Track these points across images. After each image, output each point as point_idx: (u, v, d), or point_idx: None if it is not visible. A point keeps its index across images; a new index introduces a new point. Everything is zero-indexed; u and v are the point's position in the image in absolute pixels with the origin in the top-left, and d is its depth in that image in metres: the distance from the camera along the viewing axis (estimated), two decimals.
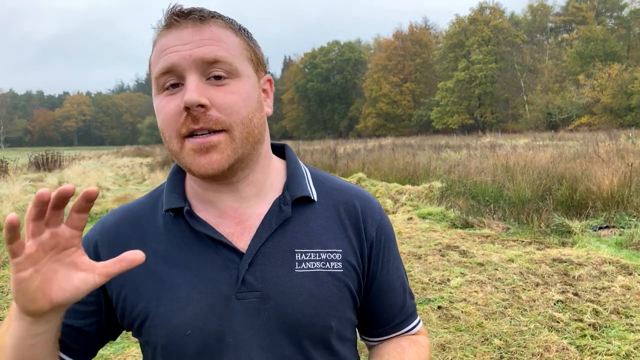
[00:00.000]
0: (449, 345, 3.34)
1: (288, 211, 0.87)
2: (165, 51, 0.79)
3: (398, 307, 0.97)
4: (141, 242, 0.86)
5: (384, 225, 0.95)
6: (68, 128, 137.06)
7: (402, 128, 65.92)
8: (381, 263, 0.94)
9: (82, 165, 23.28)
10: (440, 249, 5.70)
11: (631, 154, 10.94)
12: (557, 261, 5.00)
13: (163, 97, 0.80)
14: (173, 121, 0.78)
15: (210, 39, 0.78)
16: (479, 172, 10.04)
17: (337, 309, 0.87)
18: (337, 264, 0.87)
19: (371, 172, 12.60)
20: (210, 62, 0.77)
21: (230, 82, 0.79)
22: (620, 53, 52.34)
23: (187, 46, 0.77)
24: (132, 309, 0.84)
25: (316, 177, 0.96)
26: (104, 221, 0.92)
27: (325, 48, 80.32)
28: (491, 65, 57.85)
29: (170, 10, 0.80)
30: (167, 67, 0.78)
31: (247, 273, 0.82)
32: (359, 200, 0.94)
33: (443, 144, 24.81)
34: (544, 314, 3.76)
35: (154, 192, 0.96)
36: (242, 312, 0.82)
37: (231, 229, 0.86)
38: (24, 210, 8.59)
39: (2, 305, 4.36)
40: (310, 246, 0.87)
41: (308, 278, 0.85)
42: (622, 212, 6.71)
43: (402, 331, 0.98)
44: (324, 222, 0.90)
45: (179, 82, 0.79)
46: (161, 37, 0.81)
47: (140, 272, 0.82)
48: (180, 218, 0.87)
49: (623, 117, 41.46)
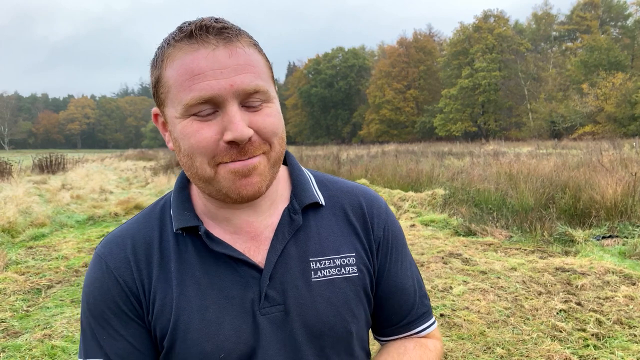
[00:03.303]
0: (451, 354, 3.32)
1: (299, 220, 0.87)
2: (199, 76, 0.73)
3: (407, 308, 0.96)
4: (160, 265, 0.84)
5: (390, 224, 0.95)
6: (72, 131, 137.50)
7: (405, 134, 65.92)
8: (389, 263, 0.93)
9: (86, 168, 23.34)
10: (442, 257, 5.68)
11: (635, 163, 10.90)
12: (560, 270, 4.98)
13: (192, 122, 0.76)
14: (209, 149, 0.76)
15: (245, 64, 0.75)
16: (482, 180, 10.02)
17: (356, 314, 0.87)
18: (352, 268, 0.88)
19: (374, 179, 12.59)
20: (250, 93, 0.76)
21: (265, 105, 0.79)
22: (624, 62, 52.29)
23: (224, 72, 0.74)
24: (161, 330, 0.83)
25: (320, 181, 0.95)
26: (116, 243, 0.86)
27: (329, 54, 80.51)
28: (495, 73, 57.84)
29: (198, 24, 0.75)
30: (205, 98, 0.74)
31: (269, 288, 0.82)
32: (365, 199, 0.95)
33: (446, 151, 24.80)
34: (546, 323, 3.74)
35: (151, 211, 0.91)
36: (267, 327, 0.82)
37: (247, 243, 0.85)
38: (27, 212, 8.61)
39: (3, 307, 4.36)
40: (324, 253, 0.87)
41: (325, 286, 0.85)
42: (626, 221, 6.67)
43: (410, 332, 0.97)
44: (334, 227, 0.90)
45: (214, 110, 0.76)
46: (185, 52, 0.75)
47: (167, 294, 0.82)
48: (193, 237, 0.85)
49: (627, 126, 41.32)
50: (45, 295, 4.76)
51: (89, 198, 11.55)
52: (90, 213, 9.24)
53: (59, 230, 7.91)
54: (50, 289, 4.95)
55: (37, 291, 4.87)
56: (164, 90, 0.78)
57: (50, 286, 5.01)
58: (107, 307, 0.82)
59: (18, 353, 3.50)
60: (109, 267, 0.83)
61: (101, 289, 0.83)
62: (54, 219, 8.54)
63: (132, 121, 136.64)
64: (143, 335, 0.83)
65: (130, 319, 0.83)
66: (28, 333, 3.85)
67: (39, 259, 6.03)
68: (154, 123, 0.87)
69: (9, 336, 3.81)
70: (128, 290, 0.82)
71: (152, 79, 0.81)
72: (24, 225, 7.75)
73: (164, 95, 0.79)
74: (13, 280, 5.08)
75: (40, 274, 5.36)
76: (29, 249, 6.57)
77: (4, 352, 3.53)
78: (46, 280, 5.14)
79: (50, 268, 5.61)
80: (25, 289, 4.87)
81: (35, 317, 4.19)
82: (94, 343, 0.83)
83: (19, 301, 4.55)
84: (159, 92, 0.80)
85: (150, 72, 0.82)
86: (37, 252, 6.38)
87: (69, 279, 5.26)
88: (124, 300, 0.82)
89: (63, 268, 5.61)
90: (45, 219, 8.23)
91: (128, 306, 0.82)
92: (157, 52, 0.80)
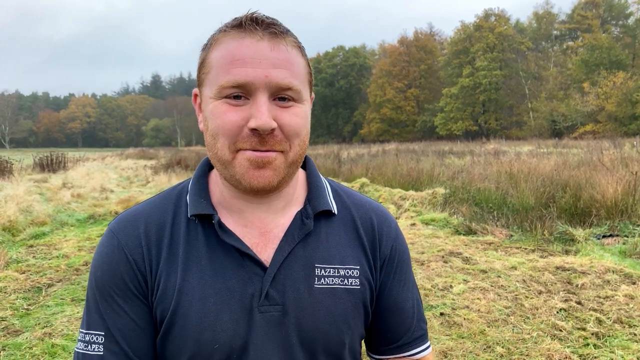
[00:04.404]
0: (451, 353, 3.32)
1: (310, 225, 0.88)
2: (238, 61, 0.77)
3: (405, 328, 0.96)
4: (169, 248, 0.85)
5: (399, 244, 0.96)
6: (73, 129, 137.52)
7: (405, 134, 65.89)
8: (392, 282, 0.94)
9: (86, 166, 23.34)
10: (443, 256, 5.68)
11: (635, 162, 10.89)
12: (560, 269, 4.98)
13: (223, 104, 0.79)
14: (233, 133, 0.78)
15: (285, 60, 0.79)
16: (483, 179, 10.01)
17: (351, 326, 0.88)
18: (354, 280, 0.88)
19: (374, 178, 12.59)
20: (283, 88, 0.78)
21: (294, 104, 0.81)
22: (625, 61, 52.23)
23: (262, 63, 0.77)
24: (162, 312, 0.84)
25: (335, 190, 0.96)
26: (130, 222, 0.88)
27: (330, 53, 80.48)
28: (496, 72, 57.81)
29: (250, 16, 0.79)
30: (238, 83, 0.77)
31: (270, 287, 0.83)
32: (377, 216, 0.96)
33: (447, 150, 24.78)
34: (546, 322, 3.74)
35: (168, 195, 0.92)
36: (263, 326, 0.83)
37: (256, 239, 0.86)
38: (28, 211, 8.62)
39: (4, 306, 4.37)
40: (330, 262, 0.88)
41: (326, 294, 0.86)
42: (626, 220, 6.68)
43: (405, 354, 0.97)
44: (343, 238, 0.91)
45: (243, 95, 0.78)
46: (232, 38, 0.79)
47: (172, 277, 0.83)
48: (205, 225, 0.86)
49: (628, 125, 41.29)
50: (45, 293, 4.77)
51: (90, 197, 11.56)
52: (90, 212, 9.25)
53: (59, 229, 7.92)
54: (50, 287, 4.96)
55: (38, 290, 4.88)
56: (206, 70, 0.82)
57: (50, 285, 5.02)
58: (114, 283, 0.84)
59: (18, 351, 3.51)
60: (121, 244, 0.85)
61: (110, 264, 0.84)
62: (54, 217, 8.54)
63: (133, 120, 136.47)
64: (145, 314, 0.84)
65: (135, 296, 0.84)
66: (28, 331, 3.85)
67: (39, 258, 6.04)
68: (193, 104, 0.91)
69: (10, 335, 3.81)
70: (136, 268, 0.84)
71: (199, 60, 0.85)
72: (25, 223, 7.76)
73: (204, 75, 0.83)
74: (13, 278, 5.09)
75: (40, 273, 5.37)
76: (30, 248, 6.57)
77: (4, 350, 3.54)
78: (47, 279, 5.14)
79: (50, 267, 5.62)
80: (25, 288, 4.88)
81: (36, 316, 4.20)
82: (97, 316, 0.84)
83: (19, 300, 4.55)
84: (201, 73, 0.84)
85: (200, 55, 0.86)
86: (38, 251, 6.39)
87: (69, 277, 5.27)
88: (131, 278, 0.83)
89: (63, 267, 5.61)
90: (46, 218, 8.23)
91: (134, 284, 0.84)
92: (208, 38, 0.85)
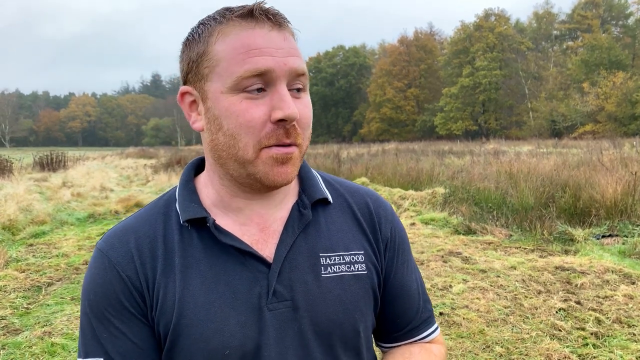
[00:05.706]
0: (450, 352, 3.32)
1: (309, 215, 0.86)
2: (255, 51, 0.74)
3: (413, 311, 0.95)
4: (165, 258, 0.81)
5: (397, 225, 0.95)
6: (73, 129, 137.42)
7: (405, 133, 65.86)
8: (395, 265, 0.93)
9: (86, 165, 23.34)
10: (442, 255, 5.69)
11: (635, 162, 10.89)
12: (560, 269, 4.98)
13: (242, 99, 0.75)
14: (256, 129, 0.75)
15: (294, 49, 0.78)
16: (482, 179, 10.02)
17: (364, 313, 0.87)
18: (360, 265, 0.87)
19: (374, 177, 12.60)
20: (298, 75, 0.77)
21: (304, 95, 0.80)
22: (625, 61, 52.22)
23: (279, 52, 0.75)
24: (165, 326, 0.80)
25: (327, 180, 0.96)
26: (118, 238, 0.84)
27: (330, 52, 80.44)
28: (496, 71, 57.79)
29: (257, 5, 0.77)
30: (260, 71, 0.74)
31: (277, 283, 0.81)
32: (372, 200, 0.95)
33: (446, 150, 24.77)
34: (546, 322, 3.75)
35: (155, 205, 0.89)
36: (274, 324, 0.80)
37: (255, 235, 0.84)
38: (28, 210, 8.62)
39: (4, 305, 4.37)
40: (334, 249, 0.86)
41: (335, 283, 0.84)
42: (626, 220, 6.68)
43: (415, 338, 0.95)
44: (343, 224, 0.90)
45: (263, 88, 0.76)
46: (242, 29, 0.76)
47: (171, 288, 0.80)
48: (199, 229, 0.83)
49: (627, 125, 41.29)
50: (45, 292, 4.77)
51: (90, 196, 11.56)
52: (90, 211, 9.25)
53: (59, 228, 7.92)
54: (50, 286, 4.96)
55: (38, 289, 4.88)
56: (210, 64, 0.77)
57: (50, 284, 5.03)
58: (109, 304, 0.79)
59: (18, 350, 3.51)
60: (112, 262, 0.80)
61: (103, 285, 0.80)
62: (54, 216, 8.55)
63: (133, 119, 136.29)
64: (146, 333, 0.80)
65: (132, 315, 0.80)
66: (28, 330, 3.86)
67: (39, 257, 6.04)
68: (179, 103, 0.84)
69: (9, 333, 3.82)
70: (131, 286, 0.79)
71: (192, 55, 0.79)
72: (25, 222, 7.76)
73: (209, 69, 0.77)
74: (13, 277, 5.09)
75: (40, 272, 5.37)
76: (30, 247, 6.58)
77: (4, 349, 3.54)
78: (46, 278, 5.15)
79: (50, 266, 5.62)
80: (25, 287, 4.88)
81: (36, 315, 4.20)
82: (94, 342, 0.80)
83: (19, 299, 4.55)
84: (200, 67, 0.78)
85: (187, 50, 0.81)
86: (38, 250, 6.39)
87: (69, 276, 5.28)
88: (127, 297, 0.79)
89: (63, 266, 5.62)
90: (46, 217, 8.24)
91: (131, 302, 0.80)
92: (197, 30, 0.80)
